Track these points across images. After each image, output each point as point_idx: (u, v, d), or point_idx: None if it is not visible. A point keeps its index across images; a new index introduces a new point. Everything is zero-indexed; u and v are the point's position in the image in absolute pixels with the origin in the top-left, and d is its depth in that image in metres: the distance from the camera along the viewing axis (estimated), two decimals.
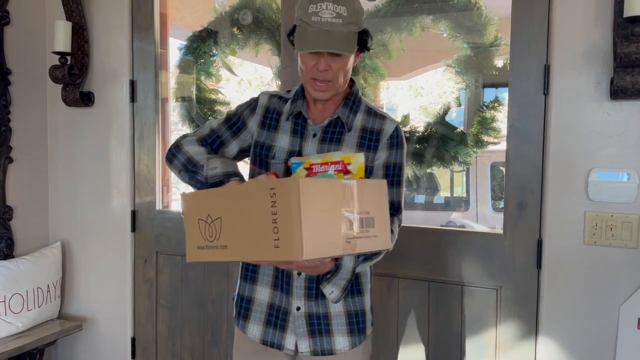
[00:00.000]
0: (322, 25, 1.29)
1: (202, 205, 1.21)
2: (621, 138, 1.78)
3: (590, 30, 1.79)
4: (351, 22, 1.30)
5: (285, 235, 1.02)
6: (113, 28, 2.54)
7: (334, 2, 1.30)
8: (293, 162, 1.35)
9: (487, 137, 2.22)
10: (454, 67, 2.18)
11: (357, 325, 1.47)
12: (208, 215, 1.18)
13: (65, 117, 2.66)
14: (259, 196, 1.07)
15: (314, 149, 1.43)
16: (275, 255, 1.05)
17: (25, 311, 2.41)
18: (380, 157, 1.43)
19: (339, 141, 1.43)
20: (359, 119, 1.45)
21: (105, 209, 2.62)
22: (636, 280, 1.78)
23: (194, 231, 1.22)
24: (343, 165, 1.30)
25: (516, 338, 1.96)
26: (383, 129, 1.44)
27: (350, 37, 1.31)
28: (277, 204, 1.03)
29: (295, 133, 1.46)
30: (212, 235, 1.17)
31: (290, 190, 1.01)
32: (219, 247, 1.16)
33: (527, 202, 1.93)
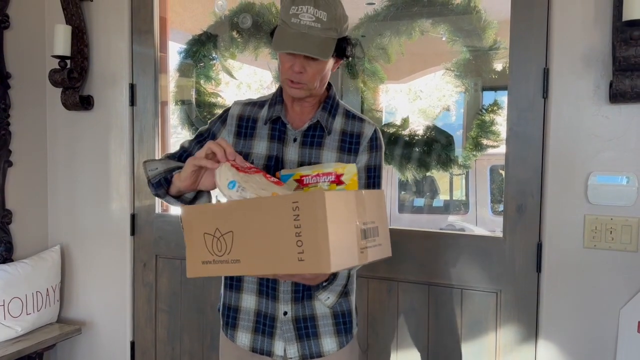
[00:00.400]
0: (300, 27, 1.29)
1: (208, 219, 1.19)
2: (620, 141, 1.78)
3: (589, 33, 1.80)
4: (330, 27, 1.30)
5: (311, 248, 1.03)
6: (113, 32, 2.55)
7: (315, 7, 1.29)
8: (282, 174, 1.35)
9: (486, 140, 2.23)
10: (453, 71, 2.19)
11: (344, 325, 1.47)
12: (216, 229, 1.16)
13: (64, 121, 2.66)
14: (279, 209, 1.06)
15: (295, 154, 1.43)
16: (299, 269, 1.05)
17: (25, 315, 2.41)
18: (361, 161, 1.44)
19: (320, 145, 1.43)
20: (338, 123, 1.46)
21: (104, 213, 2.61)
22: (636, 284, 1.78)
23: (198, 245, 1.20)
24: (336, 177, 1.30)
25: (516, 342, 1.96)
26: (363, 132, 1.45)
27: (327, 42, 1.31)
28: (300, 217, 1.04)
29: (273, 138, 1.45)
30: (222, 250, 1.16)
31: (316, 204, 1.02)
32: (230, 261, 1.15)
33: (527, 205, 1.93)
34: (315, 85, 1.38)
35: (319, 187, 1.31)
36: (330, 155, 1.42)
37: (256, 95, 1.57)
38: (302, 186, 1.31)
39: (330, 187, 1.30)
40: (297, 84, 1.36)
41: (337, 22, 1.32)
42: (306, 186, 1.31)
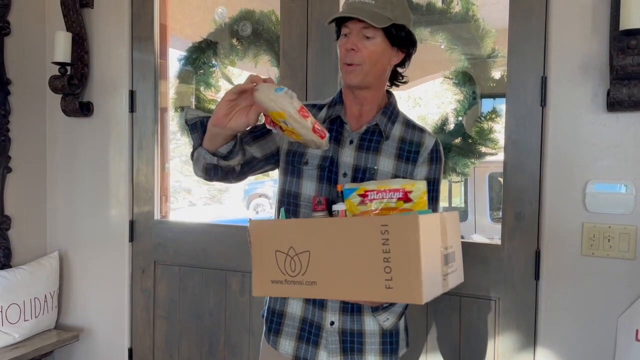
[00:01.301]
0: (355, 4, 1.31)
1: (281, 236, 1.13)
2: (618, 150, 1.79)
3: (586, 42, 1.81)
4: (384, 7, 1.30)
5: (401, 276, 0.97)
6: (113, 39, 2.56)
7: None
8: (346, 188, 1.30)
9: (485, 148, 2.23)
10: (451, 79, 2.20)
11: (390, 345, 1.43)
12: (290, 248, 1.11)
13: (64, 127, 2.67)
14: (366, 232, 1.01)
15: (350, 156, 1.40)
16: (385, 297, 1.00)
17: (22, 321, 2.40)
18: (421, 172, 1.41)
19: (377, 150, 1.40)
20: (397, 129, 1.43)
21: (103, 219, 2.61)
22: (634, 292, 1.78)
23: (268, 263, 1.13)
24: (404, 193, 1.24)
25: (514, 349, 1.96)
26: (423, 142, 1.42)
27: (379, 16, 1.30)
28: (390, 242, 0.98)
29: (330, 138, 1.42)
30: (296, 270, 1.10)
31: (408, 229, 0.96)
32: (304, 282, 1.09)
33: (525, 213, 1.93)
34: (370, 68, 1.34)
35: (384, 204, 1.24)
36: (387, 162, 1.39)
37: None
38: (366, 201, 1.26)
39: (397, 205, 1.24)
40: (353, 67, 1.34)
41: (393, 8, 1.32)
42: (370, 202, 1.26)
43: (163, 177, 2.63)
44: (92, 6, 2.57)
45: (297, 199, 1.43)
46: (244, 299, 2.37)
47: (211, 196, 7.98)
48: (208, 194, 7.98)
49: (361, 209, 1.24)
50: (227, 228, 2.45)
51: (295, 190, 1.43)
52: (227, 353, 2.43)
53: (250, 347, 2.38)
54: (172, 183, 2.93)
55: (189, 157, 1.43)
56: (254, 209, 7.33)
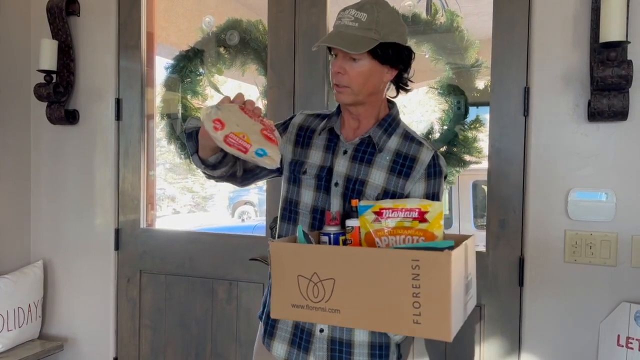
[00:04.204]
0: (339, 27, 1.32)
1: (304, 260, 1.12)
2: (599, 158, 1.83)
3: (568, 54, 1.85)
4: (369, 28, 1.30)
5: (430, 312, 0.97)
6: (99, 47, 2.55)
7: (358, 9, 1.32)
8: (361, 204, 1.28)
9: (469, 156, 2.27)
10: (436, 89, 2.23)
11: (380, 358, 1.43)
12: (314, 274, 1.10)
13: (49, 135, 2.65)
14: (396, 265, 1.01)
15: (343, 166, 1.41)
16: (412, 331, 1.00)
17: (6, 331, 2.37)
18: (418, 189, 1.40)
19: (370, 162, 1.41)
20: (394, 142, 1.43)
21: (88, 227, 2.59)
22: (615, 298, 1.82)
23: (290, 287, 1.12)
24: (420, 213, 1.23)
25: (499, 355, 1.98)
26: (419, 157, 1.41)
27: (363, 40, 1.30)
28: (421, 278, 0.98)
29: (327, 149, 1.45)
30: (319, 296, 1.09)
31: (440, 266, 0.96)
32: (327, 310, 1.08)
33: (509, 221, 1.96)
34: (359, 89, 1.35)
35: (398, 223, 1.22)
36: (379, 175, 1.39)
37: None
38: (381, 219, 1.25)
39: (412, 224, 1.22)
40: (341, 88, 1.36)
41: (379, 24, 1.31)
42: (385, 219, 1.25)
43: (149, 185, 2.62)
44: (78, 14, 2.56)
45: (297, 206, 1.46)
46: (230, 308, 2.36)
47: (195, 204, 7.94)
48: (192, 202, 7.94)
49: (375, 227, 1.24)
50: (214, 236, 2.44)
51: (296, 199, 1.47)
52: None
53: (237, 355, 2.38)
54: (157, 191, 2.92)
55: (173, 164, 1.46)
56: (239, 217, 7.30)
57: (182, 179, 7.15)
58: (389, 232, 1.23)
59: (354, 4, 1.35)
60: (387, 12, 1.35)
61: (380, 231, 1.24)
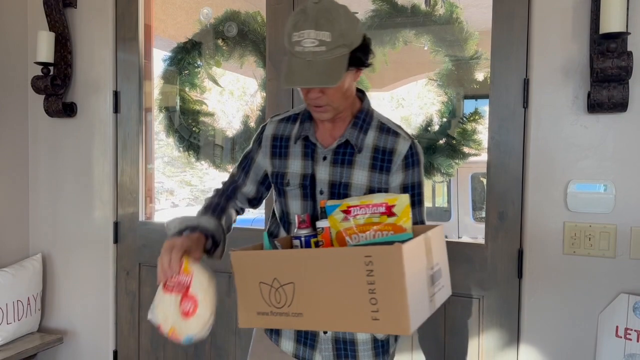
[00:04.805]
0: (305, 55, 1.22)
1: (263, 267, 1.11)
2: (598, 150, 1.83)
3: (567, 45, 1.85)
4: (338, 45, 1.22)
5: (387, 308, 0.96)
6: (97, 39, 2.54)
7: (316, 28, 1.21)
8: (328, 205, 1.28)
9: (467, 148, 2.26)
10: (435, 81, 2.22)
11: (382, 348, 1.45)
12: (274, 279, 1.09)
13: (47, 128, 2.64)
14: (350, 263, 0.99)
15: (325, 173, 1.39)
16: (373, 328, 0.99)
17: (5, 324, 2.37)
18: (396, 180, 1.38)
19: (351, 163, 1.37)
20: (371, 138, 1.39)
21: (87, 220, 2.59)
22: (614, 289, 1.82)
23: (253, 295, 1.12)
24: (387, 208, 1.23)
25: (498, 347, 1.99)
26: (396, 149, 1.38)
27: (336, 63, 1.23)
28: (374, 273, 0.96)
29: (306, 156, 1.42)
30: (281, 302, 1.08)
31: (392, 260, 0.94)
32: (290, 314, 1.08)
33: (508, 213, 1.96)
34: (339, 104, 1.32)
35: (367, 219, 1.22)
36: (362, 174, 1.37)
37: (238, 103, 1.56)
38: (349, 217, 1.24)
39: (381, 219, 1.22)
40: (321, 107, 1.31)
41: (345, 36, 1.23)
42: (354, 217, 1.24)
43: (147, 178, 2.62)
44: (75, 6, 2.55)
45: (288, 217, 1.45)
46: (229, 300, 2.37)
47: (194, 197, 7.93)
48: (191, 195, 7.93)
49: (345, 225, 1.23)
50: None
51: (286, 210, 1.46)
52: (213, 355, 2.42)
53: (237, 348, 2.38)
54: (155, 184, 2.91)
55: (171, 157, 1.45)
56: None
57: (181, 172, 7.14)
58: (359, 229, 1.22)
59: (306, 21, 1.22)
60: (343, 16, 1.25)
61: (350, 229, 1.23)
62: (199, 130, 2.73)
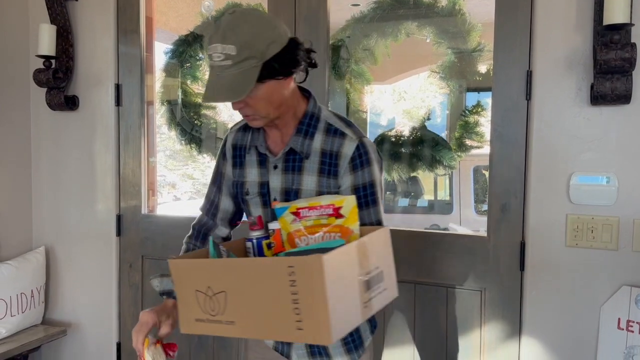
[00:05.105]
0: (215, 70, 1.21)
1: (198, 275, 1.12)
2: (601, 142, 1.82)
3: (571, 37, 1.84)
4: (244, 58, 1.18)
5: (309, 317, 0.96)
6: (98, 31, 2.53)
7: (222, 42, 1.18)
8: (276, 207, 1.28)
9: (470, 141, 2.26)
10: (438, 73, 2.22)
11: (353, 342, 1.44)
12: (208, 288, 1.09)
13: (49, 121, 2.64)
14: (274, 274, 0.99)
15: (277, 181, 1.38)
16: (298, 338, 1.00)
17: (9, 317, 2.38)
18: (346, 182, 1.34)
19: (300, 169, 1.36)
20: (318, 141, 1.35)
21: (90, 213, 2.60)
22: (616, 281, 1.82)
23: (190, 302, 1.13)
24: (334, 210, 1.22)
25: (500, 339, 1.99)
26: (341, 152, 1.33)
27: (244, 76, 1.19)
28: (297, 284, 0.96)
29: (261, 164, 1.42)
30: (215, 310, 1.09)
31: (313, 270, 0.94)
32: (223, 322, 1.08)
33: (510, 205, 1.96)
34: (266, 112, 1.29)
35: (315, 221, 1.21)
36: (311, 180, 1.35)
37: None
38: (299, 219, 1.23)
39: (329, 221, 1.21)
40: (249, 117, 1.30)
41: (252, 48, 1.19)
42: (303, 219, 1.23)
43: (149, 171, 2.62)
44: None
45: None
46: None
47: (196, 190, 7.94)
48: (193, 188, 7.94)
49: (294, 227, 1.23)
50: None
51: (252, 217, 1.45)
52: (217, 346, 2.43)
53: (240, 340, 2.39)
54: (157, 177, 2.92)
55: (173, 151, 1.46)
56: None
57: (183, 166, 7.14)
58: (307, 231, 1.22)
59: (216, 34, 1.20)
60: (252, 25, 1.21)
61: (299, 231, 1.23)
62: (201, 123, 2.73)
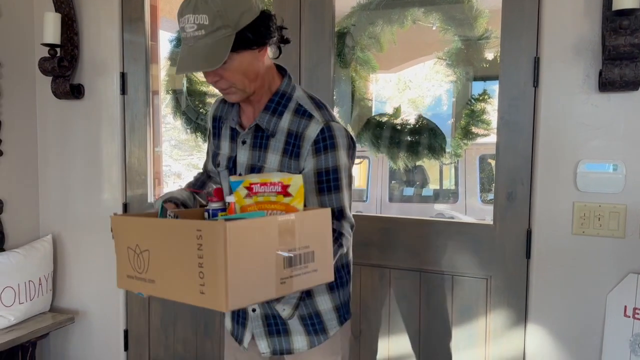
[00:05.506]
0: (188, 41, 1.21)
1: (130, 232, 1.14)
2: (609, 130, 1.81)
3: (579, 23, 1.82)
4: (218, 27, 1.18)
5: (211, 283, 0.97)
6: (103, 20, 2.53)
7: (194, 12, 1.18)
8: (232, 180, 1.27)
9: (476, 128, 2.25)
10: (445, 60, 2.20)
11: (313, 326, 1.43)
12: (137, 245, 1.12)
13: (55, 110, 2.65)
14: (185, 236, 1.01)
15: (244, 156, 1.39)
16: (200, 302, 1.00)
17: (17, 304, 2.40)
18: (308, 165, 1.32)
19: (266, 147, 1.35)
20: (286, 121, 1.34)
21: (96, 202, 2.61)
22: (623, 269, 1.82)
23: (124, 258, 1.16)
24: (282, 187, 1.21)
25: (505, 326, 2.00)
26: (305, 134, 1.31)
27: (218, 46, 1.19)
28: (203, 248, 0.97)
29: (232, 138, 1.43)
30: (141, 267, 1.11)
31: (217, 236, 0.95)
32: (146, 280, 1.11)
33: (517, 193, 1.96)
34: (243, 85, 1.28)
35: (265, 198, 1.22)
36: (274, 159, 1.35)
37: None
38: (252, 194, 1.23)
39: (277, 199, 1.21)
40: (226, 90, 1.30)
41: (225, 18, 1.18)
42: (255, 194, 1.23)
43: (155, 161, 2.62)
44: None
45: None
46: None
47: None
48: None
49: (247, 202, 1.24)
50: None
51: (225, 190, 1.45)
52: (222, 334, 2.45)
53: None
54: (163, 167, 2.92)
55: (179, 140, 1.47)
56: None
57: (188, 156, 7.15)
58: (258, 207, 1.22)
59: (188, 5, 1.20)
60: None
61: (250, 206, 1.23)
62: (206, 112, 2.73)
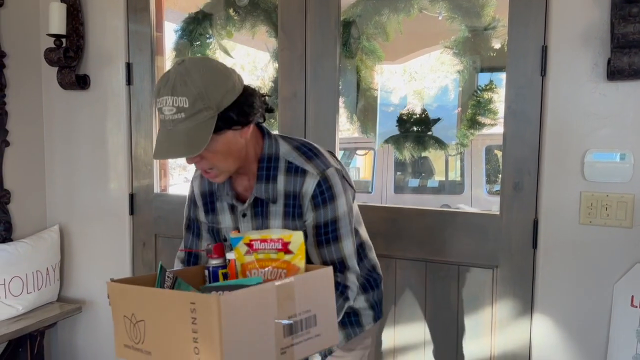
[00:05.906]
0: (166, 124, 1.15)
1: (126, 300, 1.11)
2: (617, 119, 1.79)
3: (587, 10, 1.80)
4: (199, 110, 1.13)
5: (207, 358, 0.94)
6: (108, 10, 2.52)
7: (172, 94, 1.12)
8: (232, 237, 1.27)
9: (483, 118, 2.24)
10: (451, 49, 2.19)
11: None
12: (132, 314, 1.08)
13: (61, 100, 2.65)
14: (179, 309, 0.98)
15: (248, 227, 1.39)
16: None
17: (25, 294, 2.42)
18: (309, 219, 1.32)
19: (267, 215, 1.35)
20: (281, 184, 1.32)
21: (103, 192, 2.62)
22: (630, 259, 1.81)
23: (121, 327, 1.13)
24: (283, 244, 1.20)
25: (512, 316, 1.99)
26: (302, 192, 1.30)
27: (200, 129, 1.14)
28: (197, 322, 0.94)
29: (232, 211, 1.41)
30: (137, 338, 1.08)
31: (210, 310, 0.92)
32: (143, 351, 1.07)
33: (524, 183, 1.95)
34: (225, 166, 1.26)
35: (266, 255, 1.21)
36: (277, 224, 1.34)
37: (250, 77, 1.54)
38: (252, 251, 1.22)
39: (278, 256, 1.20)
40: (208, 173, 1.27)
41: (207, 99, 1.14)
42: (256, 251, 1.22)
43: None
44: None
45: None
46: None
47: None
48: None
49: (247, 259, 1.22)
50: None
51: None
52: None
53: None
54: None
55: None
56: None
57: None
58: (259, 264, 1.21)
59: (165, 86, 1.15)
60: (204, 75, 1.15)
61: (251, 263, 1.22)
62: None
